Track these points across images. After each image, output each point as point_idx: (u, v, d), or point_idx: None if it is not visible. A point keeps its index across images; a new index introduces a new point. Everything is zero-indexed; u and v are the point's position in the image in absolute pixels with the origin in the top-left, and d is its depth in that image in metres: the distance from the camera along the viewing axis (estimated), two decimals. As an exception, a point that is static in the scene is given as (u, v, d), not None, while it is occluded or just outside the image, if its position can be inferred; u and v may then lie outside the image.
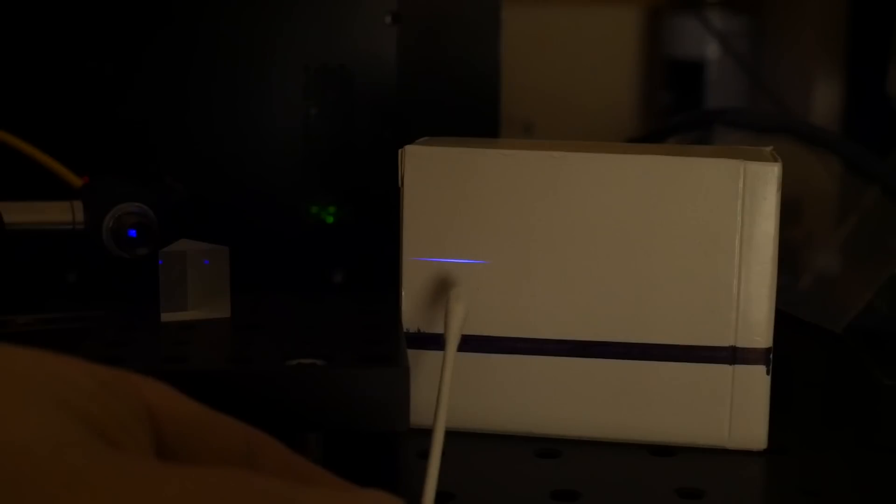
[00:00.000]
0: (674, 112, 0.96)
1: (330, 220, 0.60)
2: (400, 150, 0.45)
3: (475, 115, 0.64)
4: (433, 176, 0.44)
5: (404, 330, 0.45)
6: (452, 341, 0.41)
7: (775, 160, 0.43)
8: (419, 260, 0.45)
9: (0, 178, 0.55)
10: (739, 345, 0.44)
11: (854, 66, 0.87)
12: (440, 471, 0.36)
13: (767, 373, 0.44)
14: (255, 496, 0.23)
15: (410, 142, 0.46)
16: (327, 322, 0.47)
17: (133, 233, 0.52)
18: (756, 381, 0.44)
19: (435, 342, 0.44)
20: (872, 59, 0.78)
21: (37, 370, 0.26)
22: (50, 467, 0.23)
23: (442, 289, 0.45)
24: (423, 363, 0.45)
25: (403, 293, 0.45)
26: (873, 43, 0.79)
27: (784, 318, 0.45)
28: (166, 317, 0.46)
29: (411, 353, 0.42)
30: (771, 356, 0.44)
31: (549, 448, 0.44)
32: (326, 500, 0.25)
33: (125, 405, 0.26)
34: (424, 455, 0.37)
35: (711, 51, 0.97)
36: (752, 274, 0.43)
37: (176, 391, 0.28)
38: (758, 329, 0.44)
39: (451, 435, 0.39)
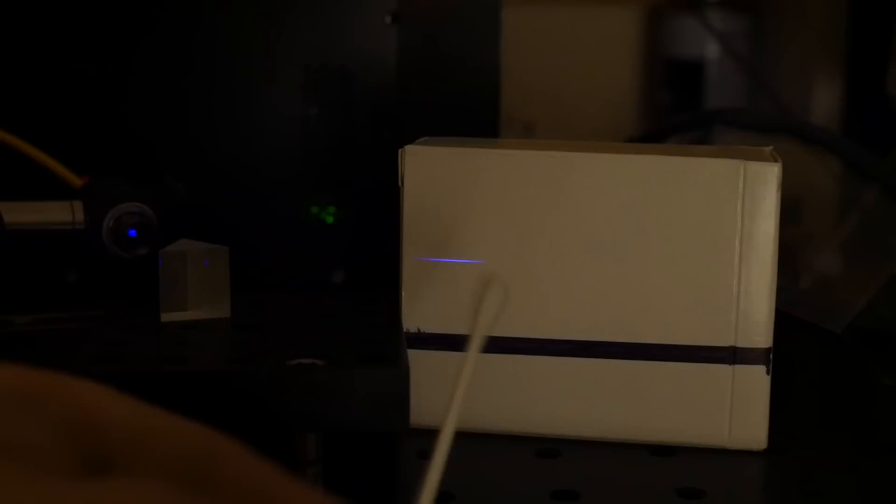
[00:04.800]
0: (674, 112, 0.96)
1: (330, 220, 0.60)
2: (400, 150, 0.45)
3: (475, 115, 0.64)
4: (433, 176, 0.44)
5: (404, 330, 0.45)
6: (478, 337, 0.40)
7: (775, 160, 0.43)
8: (419, 260, 0.45)
9: (0, 178, 0.55)
10: (739, 345, 0.44)
11: (854, 66, 0.87)
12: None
13: (767, 373, 0.44)
14: None
15: (410, 142, 0.46)
16: (327, 322, 0.47)
17: (133, 233, 0.52)
18: (756, 381, 0.44)
19: (435, 342, 0.44)
20: (872, 59, 0.78)
21: None
22: None
23: (442, 289, 0.45)
24: (422, 363, 0.44)
25: (403, 293, 0.45)
26: (873, 43, 0.79)
27: (784, 318, 0.45)
28: (166, 317, 0.46)
29: (411, 353, 0.42)
30: (771, 356, 0.44)
31: (549, 448, 0.44)
32: None
33: (41, 419, 0.24)
34: (424, 455, 0.37)
35: (711, 51, 0.97)
36: (752, 274, 0.43)
37: (124, 396, 0.26)
38: (758, 329, 0.43)
39: (450, 435, 0.39)
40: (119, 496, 0.22)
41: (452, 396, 0.34)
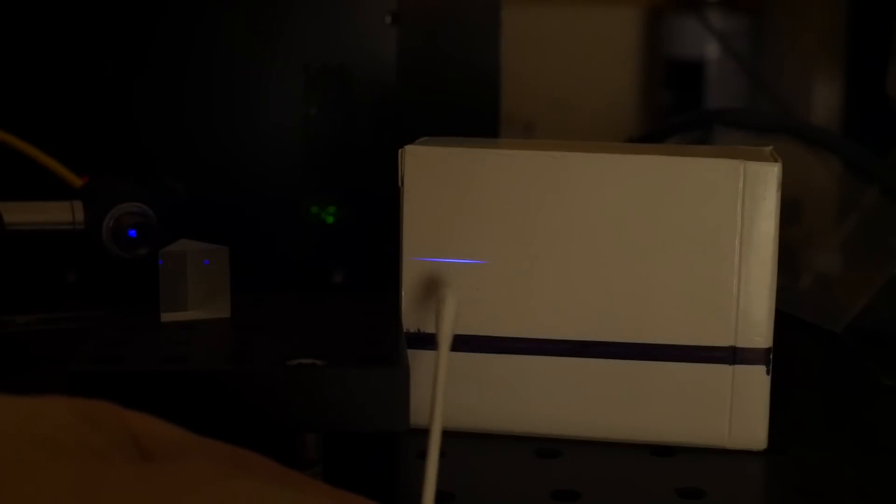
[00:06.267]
0: (674, 112, 0.97)
1: (330, 220, 0.60)
2: (400, 150, 0.45)
3: (475, 115, 0.64)
4: (433, 176, 0.44)
5: (404, 330, 0.45)
6: (445, 342, 0.41)
7: (775, 160, 0.43)
8: (419, 260, 0.45)
9: (0, 178, 0.55)
10: (739, 345, 0.44)
11: (854, 66, 0.87)
12: (440, 471, 0.36)
13: (767, 373, 0.44)
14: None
15: (410, 142, 0.46)
16: (327, 322, 0.47)
17: (133, 233, 0.52)
18: (756, 381, 0.44)
19: (435, 342, 0.44)
20: (872, 59, 0.78)
21: (3, 412, 0.26)
22: (23, 487, 0.23)
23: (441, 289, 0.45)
24: (423, 363, 0.44)
25: (403, 293, 0.45)
26: (873, 43, 0.79)
27: (784, 318, 0.45)
28: (166, 317, 0.46)
29: (411, 353, 0.42)
30: (771, 356, 0.44)
31: (549, 448, 0.44)
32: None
33: (103, 433, 0.27)
34: (424, 455, 0.37)
35: (711, 51, 0.97)
36: (752, 274, 0.43)
37: (159, 420, 0.29)
38: (758, 329, 0.44)
39: (450, 435, 0.39)
40: (174, 469, 0.25)
41: (434, 395, 0.34)
